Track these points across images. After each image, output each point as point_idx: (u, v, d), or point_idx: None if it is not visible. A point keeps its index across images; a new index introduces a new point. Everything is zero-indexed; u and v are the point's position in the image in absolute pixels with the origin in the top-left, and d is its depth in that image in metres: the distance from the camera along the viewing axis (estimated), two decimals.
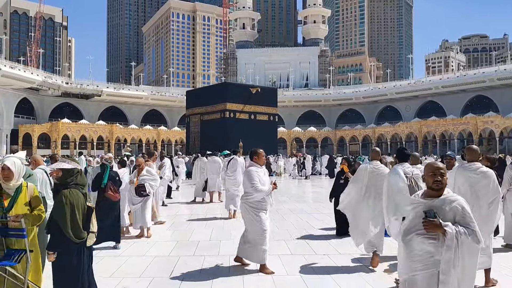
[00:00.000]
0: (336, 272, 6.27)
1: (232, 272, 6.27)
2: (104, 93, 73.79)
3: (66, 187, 4.03)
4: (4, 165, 4.21)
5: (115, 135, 65.26)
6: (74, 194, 3.99)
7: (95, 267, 6.43)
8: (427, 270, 3.09)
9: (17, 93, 65.38)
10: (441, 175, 3.20)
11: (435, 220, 3.02)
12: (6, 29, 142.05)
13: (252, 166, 6.40)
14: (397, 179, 5.81)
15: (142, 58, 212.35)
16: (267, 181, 6.35)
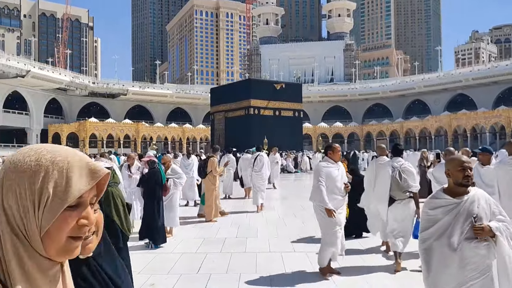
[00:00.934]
0: (366, 271, 6.09)
1: (259, 269, 6.18)
2: (130, 92, 74.87)
3: (108, 185, 4.06)
4: None
5: (141, 134, 66.13)
6: (119, 191, 4.17)
7: None
8: (484, 275, 2.82)
9: (46, 93, 67.07)
10: (470, 169, 2.96)
11: (484, 226, 2.80)
12: (34, 31, 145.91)
13: (325, 161, 5.97)
14: (386, 171, 6.39)
15: (167, 57, 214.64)
16: (341, 179, 5.88)
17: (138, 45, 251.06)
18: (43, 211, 0.79)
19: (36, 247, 0.80)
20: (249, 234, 8.69)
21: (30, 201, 0.79)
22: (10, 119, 61.55)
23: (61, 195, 0.79)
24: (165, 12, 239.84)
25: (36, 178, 0.80)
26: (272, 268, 6.22)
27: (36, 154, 0.82)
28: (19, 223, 0.80)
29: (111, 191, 4.10)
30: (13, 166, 0.82)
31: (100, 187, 0.88)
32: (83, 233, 0.83)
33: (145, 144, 65.32)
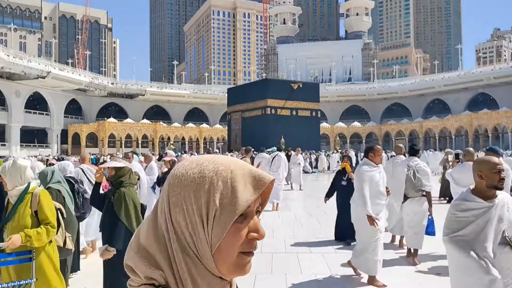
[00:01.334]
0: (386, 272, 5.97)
1: (275, 269, 6.12)
2: (148, 93, 75.56)
3: (121, 186, 4.08)
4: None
5: (158, 134, 66.67)
6: (132, 192, 4.10)
7: None
8: None
9: (66, 94, 68.16)
10: (503, 171, 2.85)
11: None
12: (55, 33, 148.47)
13: (366, 164, 5.63)
14: (402, 170, 6.75)
15: (184, 57, 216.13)
16: (383, 184, 5.63)
17: (156, 46, 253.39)
18: (212, 226, 0.74)
19: (208, 265, 0.76)
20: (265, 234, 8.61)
21: (198, 216, 0.75)
22: (32, 120, 62.76)
23: (228, 208, 0.74)
24: (182, 13, 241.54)
25: (201, 191, 0.75)
26: (288, 268, 6.15)
27: (198, 166, 0.77)
28: (189, 240, 0.75)
29: (123, 192, 4.04)
30: (177, 181, 0.77)
31: (264, 195, 0.81)
32: (253, 247, 0.79)
33: (163, 144, 65.83)
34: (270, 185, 0.79)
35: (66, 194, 4.91)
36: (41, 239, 3.40)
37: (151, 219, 0.80)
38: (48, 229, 3.47)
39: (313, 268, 6.21)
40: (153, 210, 0.80)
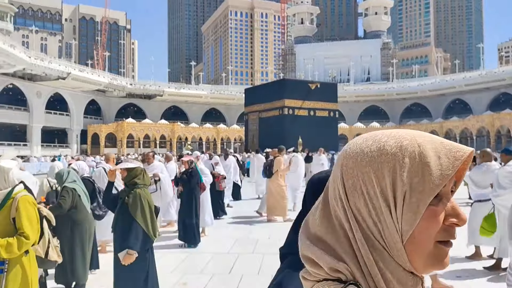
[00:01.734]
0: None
1: None
2: (166, 93, 76.13)
3: (136, 187, 4.02)
4: None
5: (176, 134, 67.09)
6: (147, 193, 4.06)
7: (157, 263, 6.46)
8: None
9: (86, 95, 69.18)
10: None
11: None
12: (75, 34, 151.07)
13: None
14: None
15: (202, 58, 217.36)
16: None
17: (174, 47, 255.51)
18: (402, 210, 0.61)
19: (398, 258, 0.63)
20: (282, 236, 8.51)
21: (383, 199, 0.62)
22: (52, 120, 63.92)
23: (420, 187, 0.61)
24: (200, 14, 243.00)
25: (384, 170, 0.62)
26: None
27: (376, 143, 0.65)
28: (373, 229, 0.63)
29: (139, 193, 3.97)
30: (351, 162, 0.65)
31: (460, 172, 0.65)
32: (453, 236, 0.65)
33: (180, 144, 66.20)
34: (468, 159, 0.64)
35: (81, 192, 4.92)
36: (11, 250, 3.01)
37: (320, 207, 0.68)
38: (20, 239, 3.05)
39: None
40: (321, 198, 0.69)
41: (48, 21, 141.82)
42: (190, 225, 7.57)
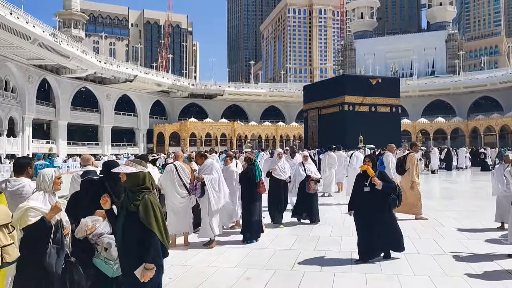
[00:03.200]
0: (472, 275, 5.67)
1: (354, 268, 6.08)
2: (226, 92, 77.60)
3: (143, 193, 3.48)
4: None
5: (236, 132, 68.22)
6: (157, 199, 3.56)
7: (221, 258, 6.78)
8: None
9: (151, 96, 72.28)
10: None
11: None
12: (140, 38, 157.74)
13: None
14: None
15: (261, 56, 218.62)
16: None
17: (233, 47, 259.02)
18: None
19: None
20: (344, 233, 8.56)
21: None
22: (121, 120, 67.50)
23: None
24: (258, 13, 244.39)
25: None
26: (367, 268, 6.08)
27: None
28: None
29: (149, 200, 3.45)
30: None
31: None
32: None
33: (240, 142, 67.23)
34: None
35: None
36: None
37: None
38: None
39: (395, 268, 6.07)
40: None
41: (116, 27, 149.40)
42: (251, 221, 7.81)
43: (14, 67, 48.29)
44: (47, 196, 3.73)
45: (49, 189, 3.73)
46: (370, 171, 6.20)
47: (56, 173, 3.81)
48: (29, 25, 42.03)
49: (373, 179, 6.12)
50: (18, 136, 50.32)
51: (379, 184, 6.09)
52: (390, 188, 6.20)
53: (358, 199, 6.35)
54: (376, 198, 6.13)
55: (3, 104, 47.38)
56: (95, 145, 62.86)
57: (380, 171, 6.39)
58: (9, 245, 3.32)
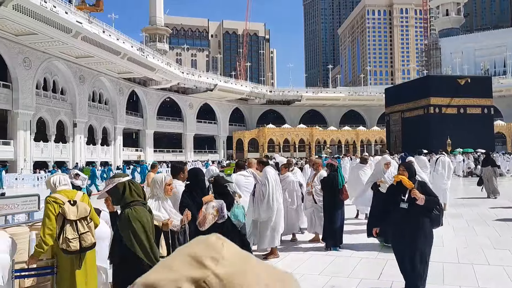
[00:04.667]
0: None
1: (447, 280, 5.66)
2: (304, 98, 77.38)
3: (128, 207, 3.37)
4: None
5: (315, 138, 67.63)
6: (140, 212, 3.32)
7: (304, 264, 6.65)
8: None
9: (230, 104, 74.28)
10: None
11: None
12: (220, 48, 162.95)
13: None
14: None
15: (339, 60, 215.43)
16: None
17: (311, 52, 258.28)
18: None
19: None
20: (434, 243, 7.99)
21: None
22: (202, 128, 70.17)
23: None
24: (336, 17, 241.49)
25: None
26: (461, 280, 5.64)
27: None
28: None
29: (127, 214, 3.29)
30: None
31: None
32: None
33: (319, 148, 66.57)
34: None
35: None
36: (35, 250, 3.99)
37: None
38: (39, 242, 3.99)
39: (493, 282, 5.55)
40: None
41: (197, 39, 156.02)
42: (333, 228, 7.60)
43: (107, 81, 52.24)
44: (160, 202, 3.77)
45: (161, 195, 3.78)
46: (407, 182, 4.90)
47: (167, 179, 3.86)
48: (119, 42, 45.26)
49: (413, 192, 4.81)
50: (111, 145, 54.23)
51: (421, 199, 4.76)
52: (432, 203, 4.86)
53: (392, 218, 5.02)
54: (416, 216, 4.83)
55: (97, 116, 51.44)
56: (179, 152, 65.85)
57: (419, 181, 5.09)
58: (85, 233, 3.87)
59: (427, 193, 4.87)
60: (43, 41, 38.69)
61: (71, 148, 46.69)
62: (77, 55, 43.59)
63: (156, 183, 3.81)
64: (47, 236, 3.87)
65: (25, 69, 39.54)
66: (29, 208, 5.05)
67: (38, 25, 34.63)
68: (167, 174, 4.28)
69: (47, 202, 4.06)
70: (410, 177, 4.97)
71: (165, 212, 3.72)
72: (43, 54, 41.41)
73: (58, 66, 44.64)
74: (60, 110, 45.28)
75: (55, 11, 35.44)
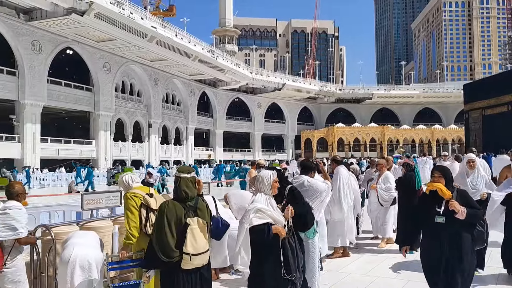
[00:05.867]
0: None
1: None
2: (375, 96, 75.14)
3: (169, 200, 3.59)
4: None
5: (386, 137, 65.44)
6: (171, 208, 3.43)
7: (378, 267, 6.39)
8: None
9: (298, 103, 73.98)
10: None
11: None
12: (288, 47, 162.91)
13: None
14: None
15: (412, 56, 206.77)
16: None
17: (382, 48, 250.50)
18: None
19: None
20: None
21: None
22: (270, 128, 70.60)
23: None
24: (409, 11, 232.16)
25: None
26: None
27: None
28: None
29: (161, 207, 3.52)
30: None
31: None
32: None
33: (391, 147, 64.35)
34: None
35: None
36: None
37: None
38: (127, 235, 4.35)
39: None
40: None
41: (265, 39, 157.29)
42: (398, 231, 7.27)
43: (179, 83, 54.25)
44: (267, 198, 3.70)
45: (268, 191, 3.71)
46: (444, 191, 3.91)
47: (274, 176, 3.77)
48: (191, 44, 46.79)
49: (450, 203, 3.83)
50: (183, 144, 56.24)
51: (461, 212, 3.81)
52: (475, 217, 3.95)
53: (425, 234, 4.10)
54: (454, 233, 3.88)
55: (170, 116, 53.60)
56: (247, 152, 66.78)
57: (459, 190, 4.10)
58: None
59: (468, 205, 3.93)
60: (121, 46, 41.02)
61: (147, 148, 49.07)
62: (152, 58, 45.70)
63: (264, 179, 3.72)
64: (132, 229, 4.18)
65: (105, 73, 42.20)
66: (112, 203, 5.44)
67: (117, 31, 36.72)
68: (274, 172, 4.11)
69: (127, 198, 4.35)
70: (447, 184, 4.00)
71: (271, 208, 3.62)
72: (121, 59, 43.95)
73: (134, 70, 47.13)
74: (136, 112, 47.78)
75: (132, 17, 37.40)
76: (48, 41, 36.15)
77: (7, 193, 4.06)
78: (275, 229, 3.51)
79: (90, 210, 5.44)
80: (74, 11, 32.64)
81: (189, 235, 3.30)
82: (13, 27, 33.30)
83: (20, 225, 3.85)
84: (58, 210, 6.57)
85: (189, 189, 3.47)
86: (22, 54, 34.17)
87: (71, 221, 5.70)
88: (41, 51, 35.64)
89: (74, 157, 39.09)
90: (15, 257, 3.90)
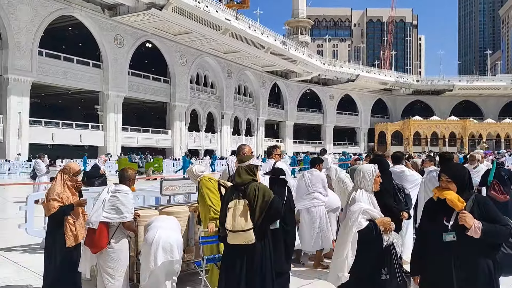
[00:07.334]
0: None
1: None
2: (456, 87, 70.76)
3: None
4: None
5: (468, 131, 61.52)
6: (228, 190, 3.78)
7: None
8: None
9: (372, 94, 71.64)
10: None
11: None
12: (363, 37, 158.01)
13: None
14: None
15: (499, 45, 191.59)
16: None
17: (465, 37, 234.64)
18: None
19: None
20: None
21: None
22: (342, 120, 69.23)
23: None
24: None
25: None
26: None
27: None
28: None
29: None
30: None
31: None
32: None
33: (473, 142, 60.49)
34: None
35: None
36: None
37: None
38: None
39: None
40: None
41: (339, 29, 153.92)
42: None
43: (251, 74, 54.84)
44: (369, 195, 3.38)
45: (369, 188, 3.39)
46: (455, 200, 2.78)
47: (376, 170, 3.45)
48: (264, 36, 47.02)
49: (461, 215, 2.72)
50: (253, 135, 56.92)
51: (475, 229, 2.67)
52: (498, 235, 2.74)
53: (431, 255, 2.91)
54: (468, 256, 2.76)
55: (242, 107, 54.43)
56: (317, 144, 66.04)
57: (478, 197, 2.87)
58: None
59: (489, 218, 2.74)
60: (196, 39, 42.29)
61: (219, 138, 50.34)
62: (225, 50, 46.61)
63: (366, 174, 3.40)
64: (216, 205, 4.47)
65: (181, 66, 43.78)
66: (188, 190, 5.70)
67: (193, 24, 37.88)
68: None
69: (205, 181, 4.71)
70: (460, 191, 2.83)
71: (373, 207, 3.31)
72: (196, 51, 45.31)
73: (208, 62, 48.38)
74: (209, 103, 49.11)
75: (207, 10, 38.34)
76: (129, 35, 38.22)
77: (121, 177, 4.29)
78: (381, 223, 3.22)
79: (168, 196, 5.70)
80: (153, 5, 34.19)
81: (229, 213, 3.47)
82: (99, 22, 35.61)
83: (126, 209, 4.06)
84: (139, 195, 6.96)
85: (240, 177, 3.68)
86: (107, 48, 36.46)
87: (150, 205, 6.04)
88: (123, 44, 37.78)
89: (151, 146, 41.13)
90: (119, 237, 4.12)
